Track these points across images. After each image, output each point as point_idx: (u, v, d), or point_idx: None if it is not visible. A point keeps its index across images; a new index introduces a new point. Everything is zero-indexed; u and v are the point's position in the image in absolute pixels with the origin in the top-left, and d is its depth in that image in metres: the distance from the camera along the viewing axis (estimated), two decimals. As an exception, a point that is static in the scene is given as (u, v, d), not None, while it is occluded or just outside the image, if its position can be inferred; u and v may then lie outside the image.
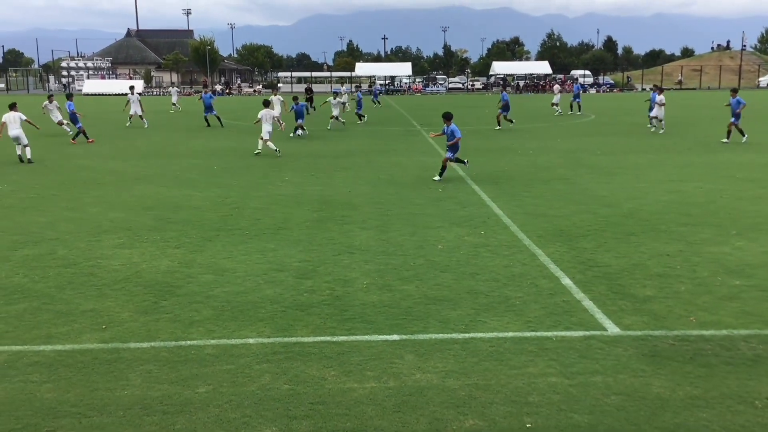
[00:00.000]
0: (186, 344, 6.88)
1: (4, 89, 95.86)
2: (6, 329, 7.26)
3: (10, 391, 5.84)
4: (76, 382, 6.03)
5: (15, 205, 14.04)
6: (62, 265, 9.67)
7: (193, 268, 9.57)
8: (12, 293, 8.45)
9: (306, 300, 8.24)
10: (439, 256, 10.21)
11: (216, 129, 33.30)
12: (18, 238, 11.20)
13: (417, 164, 20.46)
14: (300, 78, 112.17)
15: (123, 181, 17.26)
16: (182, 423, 5.32)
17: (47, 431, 5.18)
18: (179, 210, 13.67)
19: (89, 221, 12.55)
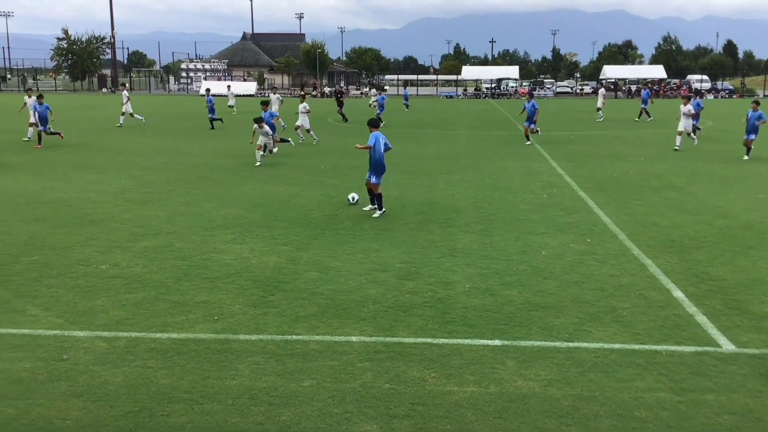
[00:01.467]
0: (292, 338, 7.09)
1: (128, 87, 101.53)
2: (126, 316, 7.70)
3: (129, 375, 6.20)
4: (189, 369, 6.33)
5: (136, 200, 14.86)
6: (178, 258, 10.16)
7: (300, 265, 9.83)
8: (132, 282, 8.95)
9: (408, 301, 8.30)
10: (543, 262, 10.05)
11: (323, 128, 34.02)
12: (138, 231, 11.85)
13: (523, 169, 20.17)
14: (406, 81, 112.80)
15: (234, 179, 17.93)
16: (287, 415, 5.49)
17: (162, 415, 5.46)
18: (286, 208, 14.06)
19: (203, 216, 13.12)
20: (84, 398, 5.72)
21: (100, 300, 8.21)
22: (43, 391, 5.84)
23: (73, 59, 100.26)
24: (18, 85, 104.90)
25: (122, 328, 7.31)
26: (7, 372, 6.19)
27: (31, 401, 5.66)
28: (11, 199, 14.69)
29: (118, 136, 29.76)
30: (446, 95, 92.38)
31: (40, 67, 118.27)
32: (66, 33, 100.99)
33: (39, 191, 15.67)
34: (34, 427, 5.25)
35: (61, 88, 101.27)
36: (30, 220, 12.57)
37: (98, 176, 18.01)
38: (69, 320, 7.51)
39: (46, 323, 7.42)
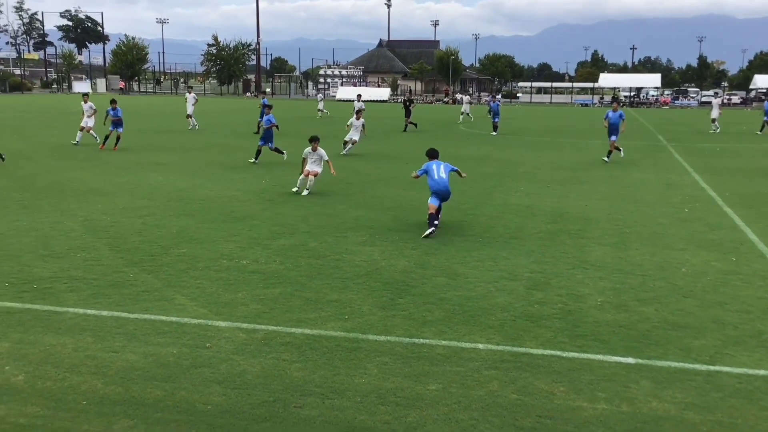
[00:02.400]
0: (419, 342, 7.18)
1: (270, 93, 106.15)
2: (264, 310, 8.09)
3: (265, 366, 6.51)
4: (321, 364, 6.56)
5: (275, 199, 15.53)
6: (312, 257, 10.54)
7: (428, 270, 9.93)
8: (269, 278, 9.38)
9: (536, 311, 8.19)
10: (682, 280, 9.59)
11: (459, 136, 34.05)
12: (276, 229, 12.39)
13: (662, 181, 19.31)
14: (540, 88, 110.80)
15: (366, 182, 18.33)
16: (413, 416, 5.57)
17: (295, 407, 5.70)
18: (416, 212, 14.21)
19: (336, 218, 13.51)
20: (224, 385, 6.07)
21: (241, 293, 8.67)
22: (188, 376, 6.25)
23: (221, 64, 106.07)
24: (171, 88, 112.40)
25: (260, 321, 7.68)
26: (156, 356, 6.67)
27: (176, 385, 6.07)
28: (164, 194, 15.77)
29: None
30: (581, 103, 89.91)
31: (191, 72, 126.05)
32: (216, 39, 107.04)
33: (188, 188, 16.72)
34: (178, 409, 5.63)
35: (209, 91, 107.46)
36: (180, 215, 13.46)
37: (241, 176, 18.98)
38: (212, 311, 7.99)
39: (192, 312, 7.93)
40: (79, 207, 14.02)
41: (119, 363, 6.48)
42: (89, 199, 14.99)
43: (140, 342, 7.01)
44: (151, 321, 7.62)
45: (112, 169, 19.76)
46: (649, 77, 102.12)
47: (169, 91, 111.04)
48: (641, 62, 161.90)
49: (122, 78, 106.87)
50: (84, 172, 19.07)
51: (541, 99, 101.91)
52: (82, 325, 7.46)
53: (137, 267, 9.73)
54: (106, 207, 14.09)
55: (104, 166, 20.50)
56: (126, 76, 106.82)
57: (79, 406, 5.63)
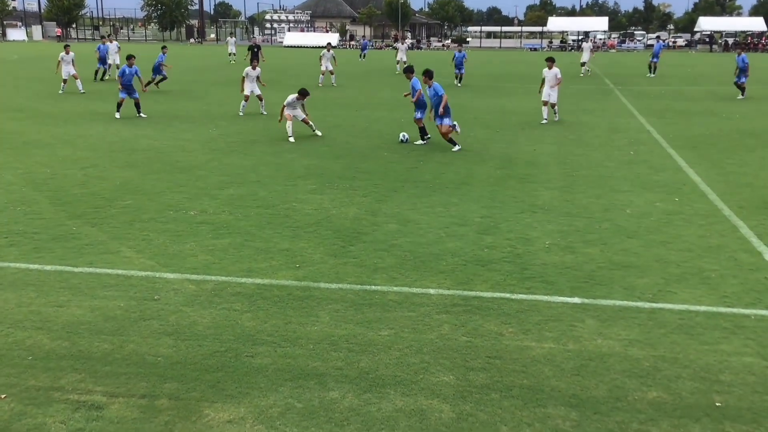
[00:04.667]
0: (370, 288, 7.20)
1: (214, 40, 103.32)
2: (213, 261, 7.99)
3: (216, 317, 6.46)
4: (272, 314, 6.54)
5: (222, 149, 15.24)
6: (262, 206, 10.42)
7: (379, 217, 9.92)
8: (219, 228, 9.26)
9: (486, 256, 8.28)
10: (627, 221, 9.80)
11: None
12: (225, 179, 12.19)
13: (608, 125, 19.58)
14: (489, 32, 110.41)
15: (321, 129, 18.09)
16: (366, 362, 5.62)
17: (247, 356, 5.69)
18: (367, 159, 14.14)
19: (286, 166, 13.35)
20: (174, 337, 6.01)
21: (189, 244, 8.54)
22: (136, 329, 6.17)
23: (163, 9, 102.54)
24: (110, 34, 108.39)
25: (210, 272, 7.59)
26: (102, 309, 6.56)
27: (125, 338, 5.98)
28: (106, 146, 15.33)
29: (205, 86, 30.41)
30: (530, 48, 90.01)
31: (131, 17, 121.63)
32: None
33: (132, 138, 16.27)
34: (127, 362, 5.56)
35: (150, 38, 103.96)
36: (123, 166, 13.11)
37: (187, 126, 18.54)
38: (160, 262, 7.86)
39: (138, 264, 7.79)
40: (17, 159, 13.54)
41: (65, 317, 6.35)
42: (28, 151, 14.48)
43: (86, 296, 6.86)
44: (96, 274, 7.47)
45: (51, 120, 19.08)
46: (596, 21, 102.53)
47: (104, 35, 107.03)
48: (589, 6, 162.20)
49: (59, 25, 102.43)
50: (21, 124, 18.37)
51: (490, 44, 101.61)
52: (24, 280, 7.26)
53: (80, 220, 9.48)
54: (46, 159, 13.64)
55: (43, 117, 19.78)
56: (63, 22, 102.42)
57: (25, 361, 5.51)
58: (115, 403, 4.94)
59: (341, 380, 5.32)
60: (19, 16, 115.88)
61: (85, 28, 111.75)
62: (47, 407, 4.87)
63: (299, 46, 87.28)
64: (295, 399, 5.04)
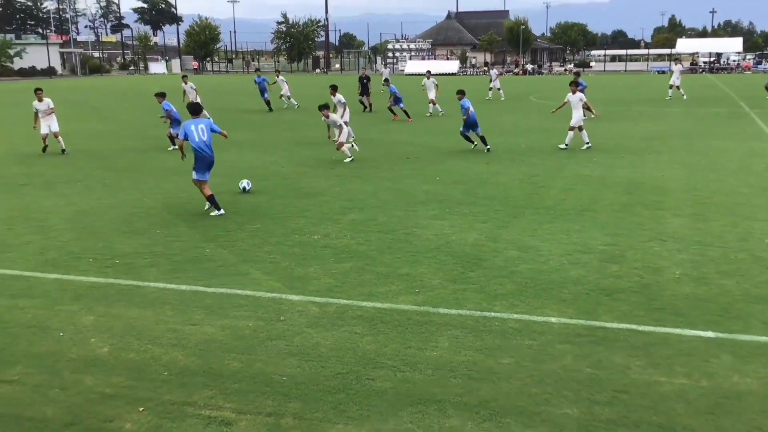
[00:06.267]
0: (490, 315, 7.14)
1: (338, 70, 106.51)
2: (336, 284, 8.19)
3: (338, 339, 6.61)
4: (392, 338, 6.62)
5: (344, 175, 15.64)
6: (382, 231, 10.59)
7: (499, 243, 9.84)
8: (341, 252, 9.49)
9: (611, 285, 8.02)
10: (765, 251, 9.20)
11: (524, 107, 33.44)
12: (347, 204, 12.50)
13: (744, 149, 18.50)
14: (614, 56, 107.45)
15: (436, 156, 18.24)
16: (486, 390, 5.56)
17: (368, 379, 5.78)
18: (486, 185, 14.08)
19: (406, 192, 13.52)
20: (299, 357, 6.20)
21: (313, 267, 8.81)
22: (263, 348, 6.41)
23: (291, 42, 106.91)
24: (242, 67, 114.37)
25: (332, 295, 7.79)
26: (233, 329, 6.86)
27: (253, 357, 6.23)
28: (236, 172, 16.09)
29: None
30: (658, 70, 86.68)
31: (261, 50, 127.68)
32: (285, 17, 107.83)
33: (261, 165, 17.02)
34: (255, 380, 5.78)
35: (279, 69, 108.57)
36: (253, 192, 13.71)
37: (311, 152, 19.17)
38: (286, 284, 8.14)
39: (266, 286, 8.11)
40: (159, 185, 14.47)
41: (198, 335, 6.70)
42: (168, 177, 15.44)
43: (218, 315, 7.21)
44: (227, 295, 7.84)
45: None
46: (729, 41, 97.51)
47: (240, 69, 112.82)
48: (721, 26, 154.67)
49: (195, 58, 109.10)
50: (160, 152, 19.63)
51: (615, 67, 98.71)
52: (162, 298, 7.73)
53: (213, 243, 9.99)
54: (184, 185, 14.48)
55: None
56: (199, 56, 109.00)
57: (161, 376, 5.86)
58: (243, 420, 5.15)
59: (461, 408, 5.29)
60: (159, 51, 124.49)
61: (219, 61, 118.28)
62: (181, 422, 5.14)
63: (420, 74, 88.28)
64: (415, 425, 5.06)
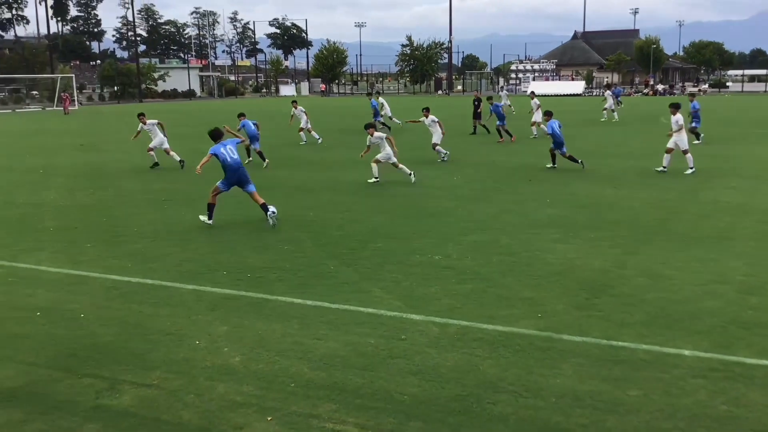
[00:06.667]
0: (617, 345, 6.90)
1: (460, 91, 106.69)
2: (456, 305, 8.19)
3: (459, 360, 6.60)
4: (513, 362, 6.53)
5: (466, 196, 15.64)
6: (504, 254, 10.49)
7: (627, 270, 9.50)
8: (462, 274, 9.47)
9: (751, 318, 7.54)
10: None
11: (653, 129, 32.19)
12: (468, 225, 12.48)
13: None
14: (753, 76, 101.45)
15: (559, 178, 17.88)
16: (612, 422, 5.38)
17: (488, 403, 5.73)
18: (613, 209, 13.65)
19: (529, 215, 13.33)
20: (419, 377, 6.24)
21: (434, 288, 8.85)
22: (385, 366, 6.50)
23: (414, 64, 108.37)
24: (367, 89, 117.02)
25: (453, 316, 7.79)
26: (355, 345, 7.01)
27: (375, 373, 6.33)
28: (362, 191, 16.47)
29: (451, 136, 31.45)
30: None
31: (386, 72, 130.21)
32: (410, 40, 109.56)
33: (384, 185, 17.30)
34: (377, 397, 5.87)
35: (402, 91, 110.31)
36: (376, 212, 13.99)
37: (435, 173, 19.29)
38: (407, 304, 8.23)
39: (387, 305, 8.22)
40: (286, 202, 15.01)
41: (322, 350, 6.89)
42: (295, 195, 16.01)
43: (341, 331, 7.39)
44: (350, 311, 8.01)
45: (315, 167, 20.94)
46: None
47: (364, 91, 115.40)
48: None
49: (323, 81, 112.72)
50: (291, 171, 20.38)
51: (754, 88, 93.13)
52: (289, 312, 8.01)
53: (337, 260, 10.25)
54: (310, 203, 14.98)
55: (308, 164, 21.78)
56: (327, 78, 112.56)
57: (288, 388, 6.06)
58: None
59: (585, 438, 5.14)
60: (290, 74, 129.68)
61: (345, 83, 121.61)
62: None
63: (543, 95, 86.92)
64: (537, 452, 4.96)
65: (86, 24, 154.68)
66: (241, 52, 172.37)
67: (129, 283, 9.25)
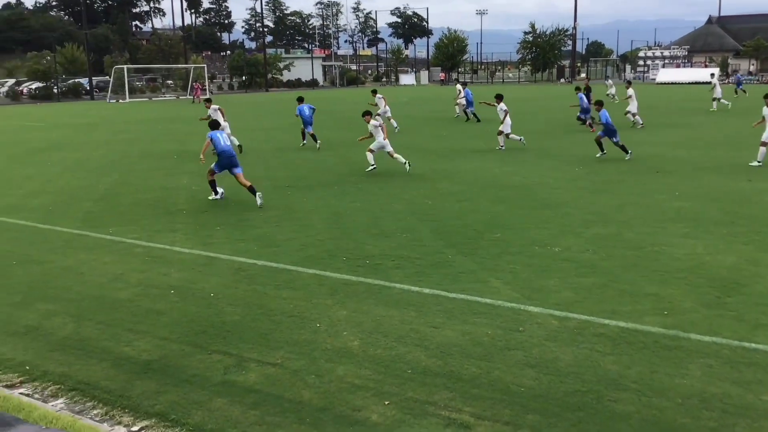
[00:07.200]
0: (750, 346, 6.54)
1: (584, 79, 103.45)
2: (576, 299, 8.01)
3: (578, 355, 6.46)
4: (637, 360, 6.32)
5: (587, 187, 15.21)
6: (628, 247, 10.13)
7: (762, 268, 8.96)
8: (582, 267, 9.24)
9: None
10: None
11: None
12: (589, 218, 12.14)
13: None
14: None
15: (689, 170, 17.04)
16: (742, 426, 5.12)
17: (609, 400, 5.58)
18: (749, 204, 12.88)
19: (655, 208, 12.80)
20: (537, 369, 6.17)
21: (553, 280, 8.69)
22: (501, 357, 6.47)
23: (537, 52, 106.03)
24: (487, 77, 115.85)
25: (573, 309, 7.63)
26: (472, 335, 7.01)
27: (491, 364, 6.31)
28: (479, 181, 16.37)
29: (570, 126, 30.62)
30: None
31: (506, 60, 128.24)
32: (533, 27, 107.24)
33: (502, 175, 17.13)
34: (493, 387, 5.86)
35: (522, 79, 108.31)
36: (494, 201, 13.87)
37: (555, 164, 18.89)
38: (525, 295, 8.13)
39: (505, 295, 8.16)
40: (404, 191, 15.17)
41: (439, 338, 6.94)
42: (413, 184, 16.13)
43: (458, 320, 7.41)
44: (467, 301, 8.01)
45: (433, 157, 20.98)
46: None
47: (484, 80, 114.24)
48: None
49: (443, 70, 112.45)
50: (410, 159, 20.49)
51: None
52: (406, 299, 8.11)
53: (455, 249, 10.26)
54: (428, 192, 15.04)
55: (423, 153, 21.84)
56: (446, 67, 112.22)
57: (405, 374, 6.16)
58: (481, 425, 5.25)
59: (713, 442, 4.92)
60: (410, 63, 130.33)
61: (464, 72, 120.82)
62: (422, 419, 5.37)
63: (672, 83, 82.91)
64: (660, 453, 4.80)
65: (217, 16, 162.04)
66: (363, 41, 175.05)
67: (254, 265, 9.66)
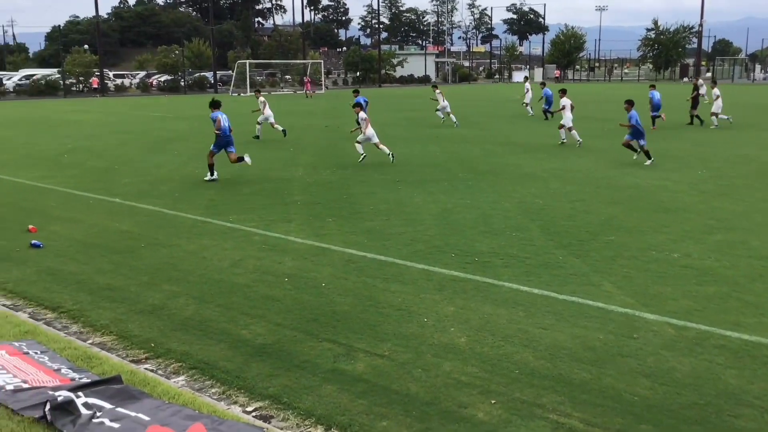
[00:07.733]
0: None
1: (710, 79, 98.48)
2: (695, 308, 7.64)
3: (697, 367, 6.17)
4: (761, 375, 5.97)
5: (710, 191, 14.47)
6: (754, 257, 9.57)
7: None
8: (703, 275, 8.81)
9: None
10: None
11: None
12: (712, 223, 11.55)
13: None
14: None
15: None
16: None
17: (729, 415, 5.30)
18: None
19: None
20: (651, 379, 5.93)
21: (670, 287, 8.32)
22: (613, 364, 6.27)
23: (659, 49, 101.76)
24: (604, 75, 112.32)
25: (692, 319, 7.29)
26: (582, 338, 6.83)
27: (602, 370, 6.13)
28: (592, 181, 15.91)
29: (688, 128, 29.19)
30: None
31: (625, 58, 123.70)
32: (655, 24, 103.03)
33: (617, 175, 16.57)
34: (604, 395, 5.68)
35: (642, 77, 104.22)
36: (608, 203, 13.44)
37: (675, 165, 18.09)
38: (640, 301, 7.84)
39: (618, 300, 7.89)
40: (515, 189, 14.96)
41: (548, 340, 6.81)
42: (524, 182, 15.88)
43: (568, 323, 7.24)
44: (577, 304, 7.81)
45: (543, 155, 20.58)
46: None
47: (602, 78, 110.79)
48: None
49: (558, 67, 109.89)
50: (519, 157, 20.23)
51: None
52: (515, 299, 8.01)
53: (566, 250, 10.03)
54: (539, 191, 14.76)
55: (535, 152, 21.46)
56: (562, 64, 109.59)
57: (512, 374, 6.08)
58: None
59: None
60: (524, 60, 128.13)
61: (581, 69, 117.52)
62: (529, 421, 5.29)
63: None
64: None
65: (335, 12, 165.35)
66: (477, 38, 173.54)
67: (365, 257, 9.81)
